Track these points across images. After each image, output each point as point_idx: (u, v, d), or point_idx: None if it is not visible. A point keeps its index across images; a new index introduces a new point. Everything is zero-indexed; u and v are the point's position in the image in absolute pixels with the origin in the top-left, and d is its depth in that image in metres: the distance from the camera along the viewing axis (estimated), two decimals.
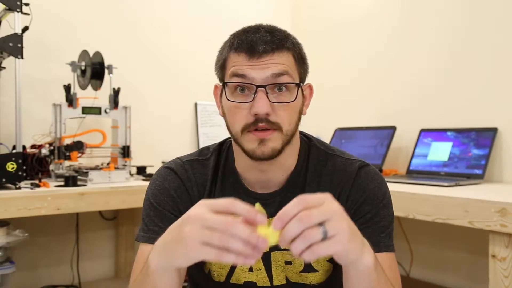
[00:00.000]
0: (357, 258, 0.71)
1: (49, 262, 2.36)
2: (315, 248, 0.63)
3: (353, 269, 0.74)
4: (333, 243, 0.64)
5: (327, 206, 0.66)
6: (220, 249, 0.63)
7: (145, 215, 0.98)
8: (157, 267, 0.73)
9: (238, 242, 0.62)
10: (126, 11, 2.60)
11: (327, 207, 0.66)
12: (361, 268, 0.73)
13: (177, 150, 2.62)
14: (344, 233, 0.65)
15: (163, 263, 0.72)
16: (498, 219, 1.39)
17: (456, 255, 2.23)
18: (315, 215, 0.64)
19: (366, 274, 0.74)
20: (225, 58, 0.92)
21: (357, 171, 0.97)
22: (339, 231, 0.65)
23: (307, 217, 0.64)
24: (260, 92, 0.87)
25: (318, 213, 0.64)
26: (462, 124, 2.17)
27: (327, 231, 0.64)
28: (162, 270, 0.73)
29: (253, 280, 0.99)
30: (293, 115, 0.91)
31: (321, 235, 0.63)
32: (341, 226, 0.65)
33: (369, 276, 0.74)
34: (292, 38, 0.94)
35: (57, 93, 2.22)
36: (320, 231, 0.63)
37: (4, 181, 1.75)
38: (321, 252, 0.64)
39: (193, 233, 0.64)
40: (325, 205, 0.66)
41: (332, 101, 2.81)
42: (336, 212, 0.66)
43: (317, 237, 0.63)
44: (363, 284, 0.76)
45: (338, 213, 0.66)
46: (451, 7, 2.29)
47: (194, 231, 0.64)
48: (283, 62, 0.89)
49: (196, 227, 0.64)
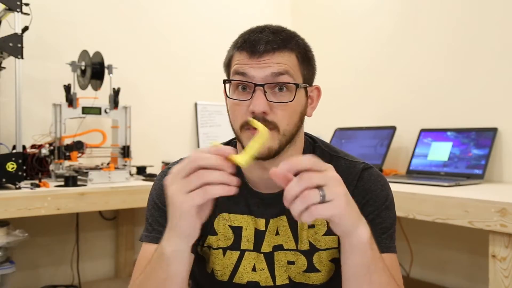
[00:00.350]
0: (352, 228, 0.74)
1: (49, 262, 2.36)
2: (313, 209, 0.68)
3: (348, 243, 0.77)
4: (330, 206, 0.69)
5: (329, 173, 0.71)
6: (203, 188, 0.69)
7: (149, 215, 0.98)
8: (170, 250, 0.77)
9: (212, 172, 0.69)
10: (126, 11, 2.60)
11: (328, 173, 0.71)
12: (355, 242, 0.76)
13: (177, 150, 2.64)
14: (341, 199, 0.70)
15: (173, 242, 0.77)
16: (498, 219, 1.39)
17: (456, 255, 2.23)
18: (315, 177, 0.69)
19: (361, 249, 0.76)
20: (230, 56, 0.94)
21: (360, 173, 0.98)
22: (336, 196, 0.69)
23: (308, 178, 0.68)
24: (258, 90, 0.88)
25: (318, 176, 0.69)
26: (462, 124, 2.18)
27: (326, 195, 0.68)
28: (175, 253, 0.77)
29: (256, 279, 0.99)
30: (292, 115, 0.91)
31: (319, 197, 0.68)
32: (339, 191, 0.70)
33: (364, 252, 0.77)
34: (299, 40, 0.94)
35: (57, 93, 2.22)
36: (319, 193, 0.68)
37: (4, 181, 1.75)
38: (318, 213, 0.68)
39: (175, 191, 0.71)
40: (326, 172, 0.71)
41: (332, 101, 2.80)
42: (335, 179, 0.71)
43: (315, 199, 0.68)
44: (358, 259, 0.78)
45: (337, 180, 0.71)
46: (451, 8, 2.29)
47: (175, 188, 0.71)
48: (283, 62, 0.89)
49: (176, 185, 0.71)
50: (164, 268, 0.79)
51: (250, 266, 0.99)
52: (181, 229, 0.75)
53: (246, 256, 0.98)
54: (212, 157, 0.70)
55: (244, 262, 0.99)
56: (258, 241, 0.98)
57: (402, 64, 2.50)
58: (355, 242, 0.76)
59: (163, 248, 0.78)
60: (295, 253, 0.97)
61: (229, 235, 0.99)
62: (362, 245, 0.76)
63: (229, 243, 0.99)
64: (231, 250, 0.98)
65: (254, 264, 0.98)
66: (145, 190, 1.04)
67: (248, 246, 0.98)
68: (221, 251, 0.99)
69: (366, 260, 0.78)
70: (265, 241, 0.98)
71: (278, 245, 0.98)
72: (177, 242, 0.77)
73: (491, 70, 2.11)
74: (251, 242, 0.98)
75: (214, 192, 0.69)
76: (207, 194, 0.69)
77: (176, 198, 0.71)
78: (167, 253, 0.78)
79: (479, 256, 2.09)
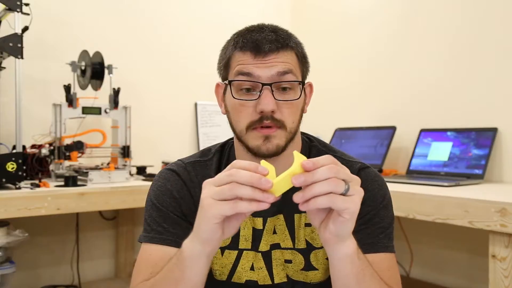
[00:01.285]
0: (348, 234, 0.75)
1: (49, 262, 2.36)
2: (333, 196, 0.69)
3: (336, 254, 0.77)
4: (349, 200, 0.70)
5: (351, 173, 0.73)
6: (232, 200, 0.69)
7: (148, 216, 0.98)
8: (188, 252, 0.77)
9: (245, 188, 0.68)
10: (126, 11, 2.60)
11: (351, 174, 0.72)
12: (345, 251, 0.76)
13: (177, 150, 2.64)
14: (359, 198, 0.72)
15: (193, 245, 0.76)
16: (498, 219, 1.39)
17: (456, 255, 2.23)
18: (344, 172, 0.71)
19: (348, 260, 0.77)
20: (229, 56, 0.93)
21: (357, 173, 0.98)
22: (357, 194, 0.71)
23: (337, 170, 0.70)
24: (265, 90, 0.88)
25: (346, 172, 0.71)
26: (462, 124, 2.18)
27: (349, 189, 0.70)
28: (192, 255, 0.77)
29: (255, 278, 0.99)
30: (296, 112, 0.92)
31: (343, 188, 0.69)
32: (360, 191, 0.72)
33: (352, 262, 0.77)
34: (295, 38, 0.95)
35: (57, 93, 2.22)
36: (344, 185, 0.70)
37: (4, 181, 1.75)
38: (337, 201, 0.69)
39: (207, 195, 0.72)
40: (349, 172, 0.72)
41: (332, 101, 2.81)
42: (357, 180, 0.73)
43: (340, 189, 0.69)
44: (347, 269, 0.78)
45: (359, 181, 0.73)
46: (451, 7, 2.29)
47: (207, 193, 0.72)
48: (287, 61, 0.90)
49: (209, 190, 0.72)
50: (181, 270, 0.78)
51: (248, 265, 0.99)
52: (201, 233, 0.74)
53: (244, 255, 0.98)
54: (247, 174, 0.69)
55: (242, 261, 0.99)
56: (256, 240, 0.98)
57: (402, 64, 2.50)
58: (344, 253, 0.76)
59: (183, 248, 0.78)
60: (292, 251, 0.98)
61: None
62: (350, 256, 0.76)
63: (227, 242, 0.99)
64: (229, 250, 0.99)
65: (252, 263, 0.99)
66: (145, 190, 1.04)
67: (246, 245, 0.98)
68: (219, 251, 0.99)
69: (354, 270, 0.77)
70: (262, 240, 0.98)
71: (275, 244, 0.98)
72: (196, 246, 0.76)
73: (491, 70, 2.11)
74: (249, 241, 0.98)
75: (243, 207, 0.69)
76: (237, 208, 0.69)
77: (205, 201, 0.71)
78: (184, 254, 0.78)
79: (479, 256, 2.09)
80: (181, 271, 0.78)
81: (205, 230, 0.73)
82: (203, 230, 0.74)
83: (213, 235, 0.73)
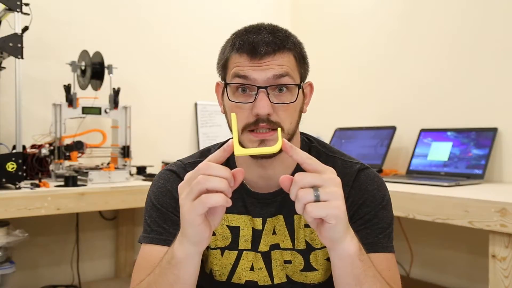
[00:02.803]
0: (343, 235, 0.74)
1: (49, 262, 2.36)
2: (307, 207, 0.69)
3: (336, 255, 0.76)
4: (326, 205, 0.69)
5: (326, 175, 0.71)
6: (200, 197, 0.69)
7: (148, 217, 0.98)
8: (181, 254, 0.77)
9: (215, 179, 0.69)
10: (126, 11, 2.60)
11: (325, 175, 0.71)
12: (344, 254, 0.75)
13: (177, 150, 2.64)
14: (338, 199, 0.70)
15: (184, 247, 0.76)
16: (498, 219, 1.39)
17: (456, 255, 2.23)
18: (308, 178, 0.70)
19: (349, 261, 0.76)
20: (227, 58, 0.93)
21: (356, 174, 0.98)
22: (332, 197, 0.69)
23: (300, 179, 0.70)
24: (261, 93, 0.88)
25: (312, 176, 0.70)
26: (462, 124, 2.17)
27: (320, 194, 0.69)
28: (186, 257, 0.77)
29: (254, 279, 0.99)
30: (293, 114, 0.92)
31: (313, 196, 0.69)
32: (335, 192, 0.70)
33: (352, 263, 0.76)
34: (293, 38, 0.94)
35: (57, 93, 2.22)
36: (313, 192, 0.69)
37: (4, 181, 1.75)
38: (313, 211, 0.68)
39: (183, 199, 0.72)
40: (324, 174, 0.71)
41: (332, 101, 2.81)
42: (332, 180, 0.71)
43: (309, 198, 0.69)
44: (347, 270, 0.77)
45: (334, 182, 0.71)
46: (451, 8, 2.29)
47: (183, 197, 0.72)
48: (284, 63, 0.89)
49: (184, 194, 0.72)
50: (175, 272, 0.78)
51: (248, 266, 0.99)
52: (190, 237, 0.75)
53: (244, 256, 0.99)
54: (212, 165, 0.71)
55: (242, 262, 0.99)
56: (256, 241, 0.98)
57: (402, 64, 2.50)
58: (344, 254, 0.75)
59: (174, 251, 0.78)
60: (292, 252, 0.98)
61: (227, 235, 0.99)
62: (350, 257, 0.75)
63: (227, 243, 0.99)
64: (229, 250, 0.99)
65: (252, 263, 0.99)
66: (145, 190, 1.04)
67: (246, 246, 0.98)
68: (219, 251, 0.99)
69: (356, 271, 0.77)
70: (262, 241, 0.98)
71: (275, 244, 0.98)
72: (188, 247, 0.76)
73: (491, 70, 2.11)
74: (249, 241, 0.98)
75: (210, 201, 0.69)
76: (204, 202, 0.69)
77: (183, 208, 0.72)
78: (177, 257, 0.77)
79: (479, 256, 2.09)
80: (176, 275, 0.78)
81: (194, 234, 0.74)
82: (191, 235, 0.74)
83: (203, 235, 0.74)
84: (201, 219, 0.71)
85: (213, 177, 0.70)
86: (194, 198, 0.70)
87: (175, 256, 0.78)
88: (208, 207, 0.69)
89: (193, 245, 0.76)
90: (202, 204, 0.69)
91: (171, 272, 0.79)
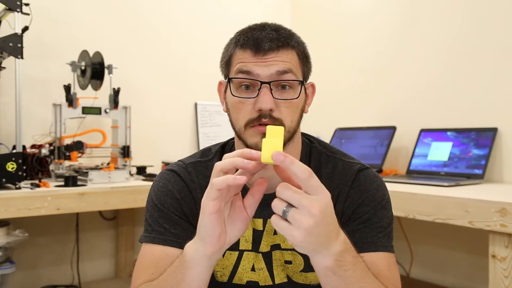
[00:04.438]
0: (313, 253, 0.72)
1: (49, 262, 2.36)
2: (272, 217, 0.69)
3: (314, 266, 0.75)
4: (285, 228, 0.67)
5: (305, 201, 0.66)
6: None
7: (149, 216, 0.98)
8: (190, 254, 0.77)
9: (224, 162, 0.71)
10: (126, 11, 2.60)
11: (305, 201, 0.66)
12: (316, 266, 0.74)
13: (177, 150, 2.64)
14: (300, 229, 0.66)
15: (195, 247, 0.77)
16: (498, 219, 1.39)
17: (456, 255, 2.23)
18: (287, 193, 0.68)
19: (323, 273, 0.74)
20: (231, 54, 0.93)
21: (356, 174, 0.98)
22: (296, 224, 0.66)
23: (280, 191, 0.68)
24: (264, 88, 0.88)
25: (290, 194, 0.67)
26: (462, 124, 2.18)
27: (287, 215, 0.67)
28: (194, 257, 0.77)
29: (256, 279, 0.99)
30: (295, 112, 0.92)
31: (281, 211, 0.68)
32: (304, 221, 0.66)
33: (326, 276, 0.74)
34: (297, 37, 0.95)
35: (57, 93, 2.22)
36: (283, 207, 0.68)
37: (4, 181, 1.75)
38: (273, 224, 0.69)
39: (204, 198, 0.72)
40: (310, 197, 0.67)
41: (332, 101, 2.81)
42: (309, 209, 0.66)
43: (277, 211, 0.68)
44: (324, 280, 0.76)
45: (311, 211, 0.66)
46: (451, 7, 2.29)
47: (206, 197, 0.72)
48: (287, 60, 0.90)
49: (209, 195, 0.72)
50: (183, 272, 0.79)
51: (249, 266, 0.99)
52: (201, 230, 0.75)
53: (244, 256, 0.98)
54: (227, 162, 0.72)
55: (243, 262, 0.99)
56: (256, 241, 0.98)
57: (402, 64, 2.50)
58: (315, 265, 0.74)
59: (185, 252, 0.79)
60: (292, 252, 0.98)
61: None
62: (323, 270, 0.74)
63: None
64: (230, 251, 0.99)
65: (253, 263, 0.99)
66: (145, 190, 1.04)
67: (247, 246, 0.98)
68: None
69: (334, 284, 0.75)
70: (263, 241, 0.98)
71: (276, 245, 0.98)
72: (198, 247, 0.76)
73: (491, 70, 2.11)
74: (249, 242, 0.98)
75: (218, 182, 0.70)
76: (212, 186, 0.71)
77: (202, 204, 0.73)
78: (187, 257, 0.78)
79: (479, 256, 2.09)
80: (183, 274, 0.79)
81: (204, 226, 0.74)
82: (202, 227, 0.75)
83: (213, 231, 0.73)
84: (214, 208, 0.71)
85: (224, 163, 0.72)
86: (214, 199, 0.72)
87: (184, 255, 0.79)
88: (217, 189, 0.70)
89: (203, 244, 0.75)
90: (211, 187, 0.70)
91: (180, 271, 0.79)
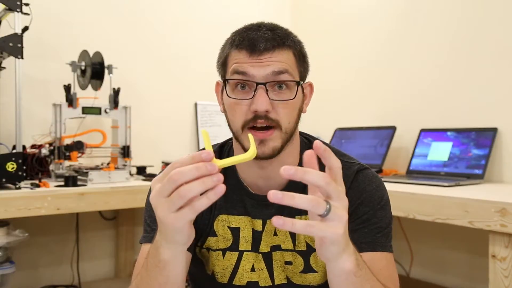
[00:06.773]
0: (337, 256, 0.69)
1: (49, 262, 2.36)
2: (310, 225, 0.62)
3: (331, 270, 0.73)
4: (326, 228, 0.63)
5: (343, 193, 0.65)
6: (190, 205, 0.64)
7: (148, 217, 0.98)
8: (168, 256, 0.75)
9: (195, 187, 0.63)
10: (126, 11, 2.60)
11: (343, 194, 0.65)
12: (338, 270, 0.71)
13: (177, 150, 2.64)
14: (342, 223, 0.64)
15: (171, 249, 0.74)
16: (498, 219, 1.39)
17: (456, 255, 2.23)
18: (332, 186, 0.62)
19: (344, 277, 0.72)
20: (227, 55, 0.93)
21: (355, 174, 0.98)
22: (338, 220, 0.63)
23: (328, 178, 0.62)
24: (260, 89, 0.87)
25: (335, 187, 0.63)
26: (462, 124, 2.18)
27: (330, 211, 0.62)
28: (173, 258, 0.76)
29: (255, 279, 0.99)
30: (292, 112, 0.91)
31: (323, 211, 0.62)
32: (343, 215, 0.64)
33: (346, 279, 0.72)
34: (293, 37, 0.94)
35: (57, 93, 2.22)
36: (325, 206, 0.62)
37: (4, 181, 1.75)
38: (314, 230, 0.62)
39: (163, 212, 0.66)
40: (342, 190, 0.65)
41: (332, 101, 2.81)
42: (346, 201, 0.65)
43: (319, 210, 0.62)
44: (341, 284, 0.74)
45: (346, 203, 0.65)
46: (451, 7, 2.29)
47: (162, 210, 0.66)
48: (283, 60, 0.89)
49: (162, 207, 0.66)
50: (164, 274, 0.77)
51: (249, 267, 0.99)
52: (178, 241, 0.73)
53: (244, 257, 0.98)
54: (191, 170, 0.64)
55: (243, 263, 0.99)
56: (256, 241, 0.98)
57: (402, 64, 2.50)
58: (338, 272, 0.72)
59: (161, 255, 0.76)
60: (293, 253, 0.97)
61: (228, 236, 0.99)
62: (345, 274, 0.72)
63: (228, 244, 0.99)
64: (230, 251, 0.99)
65: (253, 264, 0.99)
66: (145, 190, 1.04)
67: (246, 247, 0.98)
68: (221, 253, 0.99)
69: (354, 287, 0.74)
70: (262, 241, 0.98)
71: (276, 245, 0.98)
72: (175, 248, 0.75)
73: (491, 70, 2.11)
74: (249, 242, 0.98)
75: (202, 206, 0.64)
76: (196, 209, 0.65)
77: (166, 220, 0.67)
78: (165, 259, 0.76)
79: (479, 256, 2.09)
80: (166, 276, 0.78)
81: (182, 238, 0.72)
82: (179, 239, 0.72)
83: (190, 235, 0.72)
84: (190, 223, 0.70)
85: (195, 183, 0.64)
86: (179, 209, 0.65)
87: (162, 260, 0.76)
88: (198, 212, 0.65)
89: (182, 245, 0.74)
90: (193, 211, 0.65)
91: (160, 274, 0.78)
